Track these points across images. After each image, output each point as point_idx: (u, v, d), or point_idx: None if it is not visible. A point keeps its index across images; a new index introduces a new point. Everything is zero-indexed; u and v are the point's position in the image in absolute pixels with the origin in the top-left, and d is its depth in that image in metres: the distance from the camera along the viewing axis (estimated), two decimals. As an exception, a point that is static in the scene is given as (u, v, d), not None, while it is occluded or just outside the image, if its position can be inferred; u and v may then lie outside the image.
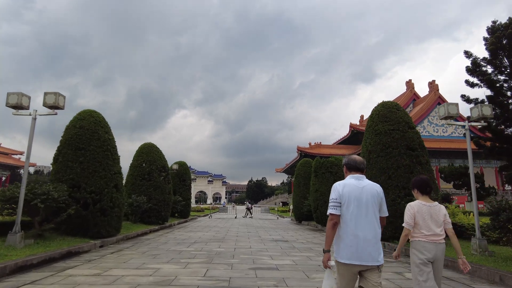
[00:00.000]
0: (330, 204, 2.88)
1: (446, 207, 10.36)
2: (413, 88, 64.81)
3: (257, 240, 11.34)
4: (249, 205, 32.44)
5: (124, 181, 14.81)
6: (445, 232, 3.48)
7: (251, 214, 30.90)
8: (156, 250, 8.81)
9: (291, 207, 29.64)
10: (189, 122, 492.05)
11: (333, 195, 2.90)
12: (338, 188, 2.90)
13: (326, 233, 2.89)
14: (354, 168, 3.04)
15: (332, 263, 2.89)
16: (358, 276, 2.85)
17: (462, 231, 10.02)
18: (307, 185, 20.69)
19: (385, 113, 11.32)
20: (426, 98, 57.02)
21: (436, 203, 3.56)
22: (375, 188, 2.95)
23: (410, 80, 67.90)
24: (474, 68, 29.24)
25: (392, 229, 9.90)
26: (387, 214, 2.98)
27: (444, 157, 45.48)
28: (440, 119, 8.38)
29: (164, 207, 16.78)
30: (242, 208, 60.60)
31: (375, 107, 11.88)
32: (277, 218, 29.42)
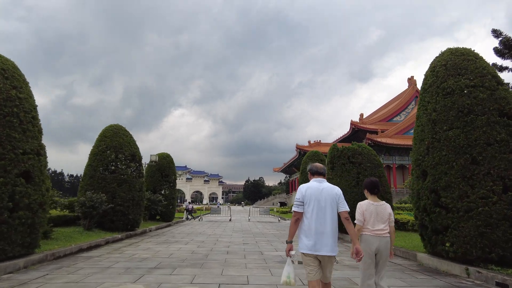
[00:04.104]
0: (294, 203, 3.38)
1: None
2: (415, 84, 61.32)
3: (258, 261, 7.26)
4: (190, 206, 27.15)
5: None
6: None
7: (192, 216, 25.55)
8: (71, 290, 4.71)
9: (295, 208, 25.51)
10: (186, 121, 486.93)
11: (297, 195, 3.40)
12: (302, 189, 3.41)
13: (290, 227, 3.37)
14: (316, 173, 3.52)
15: (293, 252, 3.29)
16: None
17: None
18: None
19: (458, 62, 7.28)
20: (430, 94, 53.36)
21: (383, 202, 3.93)
22: (334, 190, 3.41)
23: (412, 77, 64.32)
24: (505, 49, 25.02)
25: (488, 243, 5.93)
26: (346, 209, 3.35)
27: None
28: None
29: (132, 208, 12.64)
30: (238, 209, 56.48)
31: (438, 57, 7.84)
32: (278, 220, 25.38)
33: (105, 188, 12.22)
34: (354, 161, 13.04)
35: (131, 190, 12.73)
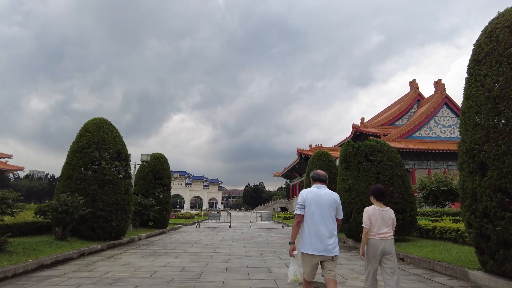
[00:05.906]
0: (296, 207, 3.62)
1: None
2: (417, 88, 59.79)
3: (267, 284, 5.52)
4: None
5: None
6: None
7: None
8: None
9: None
10: (186, 126, 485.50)
11: (299, 199, 3.63)
12: (303, 194, 3.64)
13: (292, 229, 3.66)
14: (318, 180, 3.73)
15: (295, 253, 3.52)
16: (320, 266, 3.52)
17: None
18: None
19: (528, 21, 5.62)
20: (431, 98, 52.20)
21: (388, 208, 4.23)
22: (333, 196, 3.65)
23: (414, 80, 62.75)
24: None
25: None
26: (341, 217, 3.68)
27: (452, 160, 40.53)
28: None
29: (117, 214, 10.87)
30: (238, 214, 54.46)
31: (495, 19, 6.13)
32: (282, 227, 23.60)
33: (85, 190, 10.48)
34: (373, 159, 11.33)
35: (116, 193, 10.98)
